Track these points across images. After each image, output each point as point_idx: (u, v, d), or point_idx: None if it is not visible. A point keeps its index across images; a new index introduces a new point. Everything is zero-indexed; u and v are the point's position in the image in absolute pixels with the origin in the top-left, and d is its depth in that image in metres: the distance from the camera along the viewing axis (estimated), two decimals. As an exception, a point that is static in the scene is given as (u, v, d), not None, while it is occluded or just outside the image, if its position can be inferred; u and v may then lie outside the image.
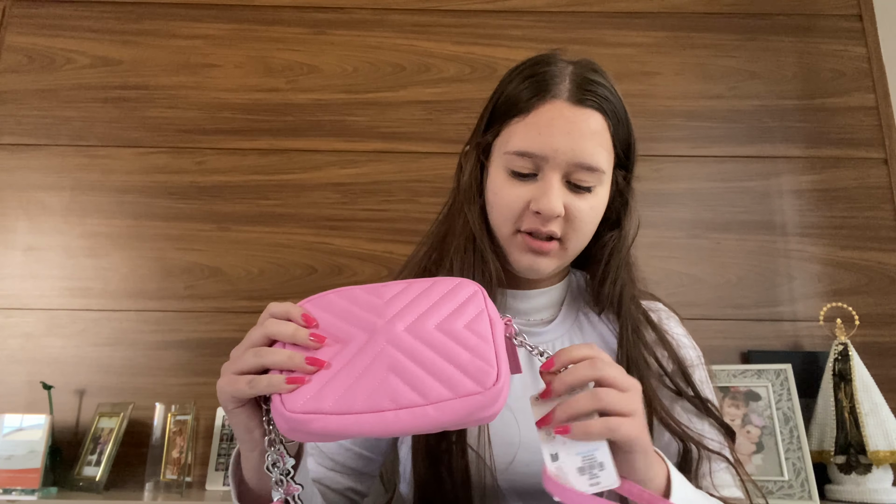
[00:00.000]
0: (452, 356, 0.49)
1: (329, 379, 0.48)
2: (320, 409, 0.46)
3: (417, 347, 0.49)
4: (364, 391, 0.47)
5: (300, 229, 1.62)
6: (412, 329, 0.50)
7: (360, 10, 1.76)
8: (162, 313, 1.56)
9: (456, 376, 0.47)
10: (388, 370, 0.48)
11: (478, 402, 0.46)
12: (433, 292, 0.53)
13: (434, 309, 0.52)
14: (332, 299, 0.55)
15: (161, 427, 1.41)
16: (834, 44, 1.74)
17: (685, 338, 0.80)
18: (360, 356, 0.49)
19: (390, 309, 0.52)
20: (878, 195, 1.64)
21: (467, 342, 0.49)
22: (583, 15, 1.76)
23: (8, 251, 1.59)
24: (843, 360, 1.36)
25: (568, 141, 0.68)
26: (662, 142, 1.68)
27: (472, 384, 0.47)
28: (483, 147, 0.76)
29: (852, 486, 1.30)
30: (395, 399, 0.47)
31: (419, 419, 0.46)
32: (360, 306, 0.53)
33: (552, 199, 0.68)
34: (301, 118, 1.69)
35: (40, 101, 1.68)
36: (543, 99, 0.70)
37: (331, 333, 0.52)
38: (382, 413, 0.46)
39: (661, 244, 1.61)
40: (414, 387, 0.47)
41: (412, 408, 0.46)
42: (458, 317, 0.51)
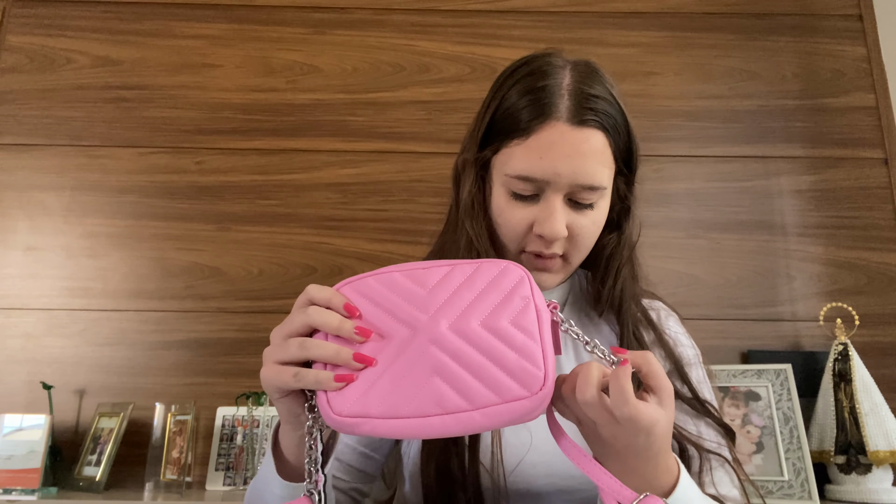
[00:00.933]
0: (498, 358, 0.47)
1: (374, 379, 0.47)
2: (367, 413, 0.46)
3: (462, 348, 0.48)
4: (409, 394, 0.46)
5: (300, 229, 1.62)
6: (456, 327, 0.48)
7: (360, 10, 1.76)
8: (162, 313, 1.56)
9: (503, 380, 0.46)
10: (433, 372, 0.47)
11: (525, 406, 0.46)
12: (477, 280, 0.51)
13: (478, 301, 0.50)
14: (371, 284, 0.52)
15: (161, 427, 1.41)
16: (834, 44, 1.74)
17: (683, 336, 0.81)
18: (404, 355, 0.48)
19: (433, 301, 0.50)
20: (878, 195, 1.64)
21: (513, 341, 0.48)
22: (583, 15, 1.76)
23: (8, 251, 1.59)
24: (843, 360, 1.36)
25: (569, 164, 0.68)
26: (662, 142, 1.68)
27: (519, 389, 0.46)
28: (482, 162, 0.76)
29: (852, 486, 1.30)
30: (441, 404, 0.46)
31: (465, 425, 0.46)
32: (401, 296, 0.51)
33: (555, 224, 0.68)
34: (301, 118, 1.69)
35: (40, 101, 1.68)
36: (543, 122, 0.69)
37: (371, 324, 0.50)
38: (429, 418, 0.46)
39: (661, 244, 1.62)
40: (459, 391, 0.46)
41: (458, 413, 0.46)
42: (504, 310, 0.49)
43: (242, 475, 1.41)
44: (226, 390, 1.50)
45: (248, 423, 1.45)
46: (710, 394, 0.76)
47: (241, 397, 1.46)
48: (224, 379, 1.52)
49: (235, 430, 1.46)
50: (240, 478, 1.41)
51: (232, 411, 1.48)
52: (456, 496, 0.68)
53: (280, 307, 1.56)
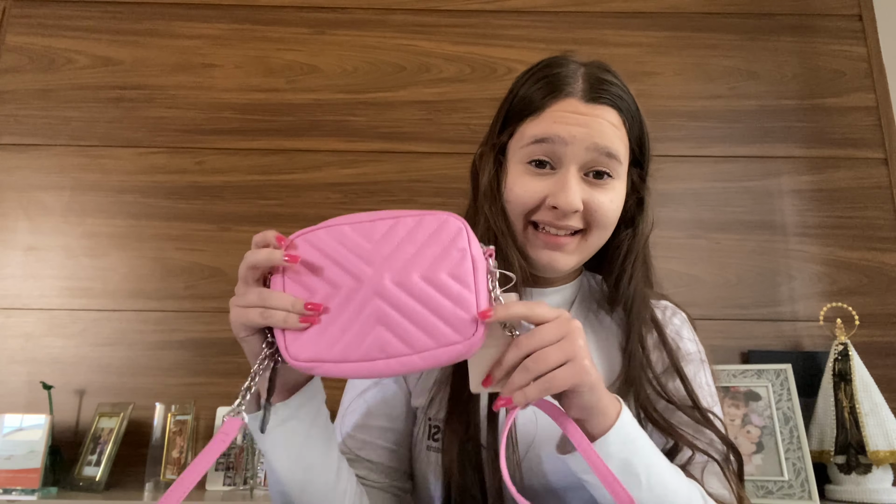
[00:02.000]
0: (435, 307, 0.52)
1: (326, 326, 0.53)
2: (321, 358, 0.52)
3: (403, 299, 0.53)
4: (357, 341, 0.52)
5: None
6: (398, 280, 0.53)
7: (360, 10, 1.76)
8: (162, 313, 1.56)
9: (439, 327, 0.52)
10: (377, 322, 0.52)
11: (458, 350, 0.51)
12: (418, 234, 0.55)
13: (419, 254, 0.54)
14: (322, 236, 0.57)
15: (161, 427, 1.41)
16: (834, 44, 1.74)
17: (685, 331, 0.80)
18: (351, 304, 0.53)
19: (377, 254, 0.54)
20: (878, 195, 1.64)
21: (450, 291, 0.53)
22: (583, 15, 1.76)
23: (8, 251, 1.59)
24: (843, 360, 1.36)
25: (585, 128, 0.68)
26: (662, 142, 1.68)
27: (453, 334, 0.52)
28: (499, 148, 0.76)
29: (852, 486, 1.30)
30: (385, 350, 0.52)
31: (406, 366, 0.52)
32: (349, 248, 0.55)
33: (570, 194, 0.67)
34: (301, 118, 1.69)
35: (40, 101, 1.68)
36: (557, 97, 0.70)
37: (321, 272, 0.55)
38: (374, 362, 0.52)
39: (661, 244, 1.61)
40: (401, 338, 0.52)
41: (400, 357, 0.52)
42: (442, 262, 0.54)
43: (242, 475, 1.41)
44: (226, 390, 1.50)
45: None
46: (713, 399, 0.74)
47: (241, 397, 1.46)
48: (224, 379, 1.52)
49: (235, 430, 1.45)
50: (240, 478, 1.41)
51: (232, 411, 1.48)
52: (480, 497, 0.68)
53: (280, 307, 1.56)
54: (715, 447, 0.69)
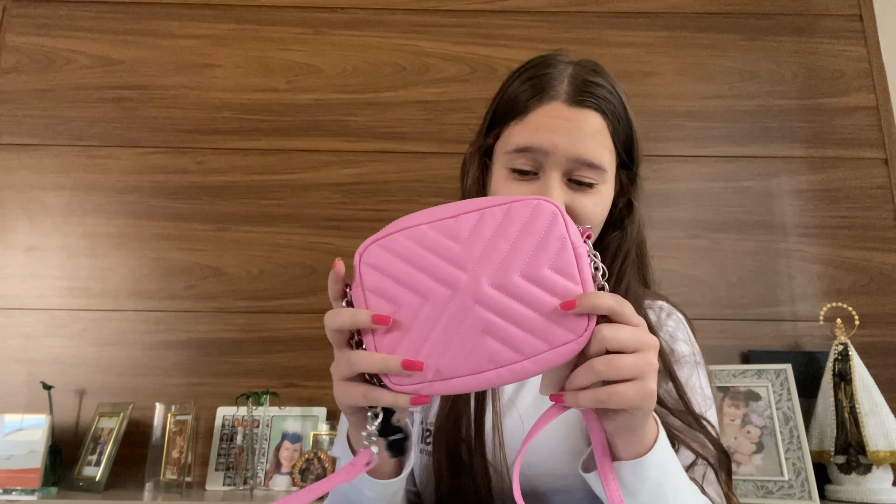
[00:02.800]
0: (542, 307, 0.48)
1: (422, 343, 0.49)
2: (424, 379, 0.48)
3: (507, 303, 0.49)
4: (463, 354, 0.48)
5: (300, 229, 1.62)
6: (498, 283, 0.49)
7: (360, 10, 1.76)
8: (162, 313, 1.56)
9: (549, 328, 0.48)
10: (482, 332, 0.48)
11: (572, 349, 0.48)
12: (510, 226, 0.50)
13: (515, 249, 0.50)
14: (399, 240, 0.52)
15: (161, 427, 1.41)
16: (834, 44, 1.74)
17: (680, 332, 0.79)
18: (447, 314, 0.49)
19: (469, 256, 0.50)
20: (878, 195, 1.64)
21: (555, 287, 0.49)
22: (583, 15, 1.76)
23: (8, 251, 1.59)
24: (843, 360, 1.36)
25: (566, 138, 0.68)
26: (662, 142, 1.68)
27: (565, 333, 0.48)
28: (485, 150, 0.77)
29: (852, 486, 1.30)
30: (495, 360, 0.48)
31: (519, 374, 0.48)
32: (434, 252, 0.50)
33: (552, 198, 0.67)
34: (301, 118, 1.69)
35: (40, 101, 1.68)
36: (541, 101, 0.70)
37: (408, 284, 0.50)
38: (484, 374, 0.48)
39: (661, 244, 1.61)
40: (510, 345, 0.48)
41: (511, 364, 0.48)
42: (542, 255, 0.49)
43: (242, 475, 1.41)
44: (226, 390, 1.50)
45: (248, 423, 1.45)
46: (708, 402, 0.74)
47: (241, 397, 1.46)
48: (224, 379, 1.52)
49: (235, 430, 1.46)
50: (240, 478, 1.41)
51: (232, 411, 1.48)
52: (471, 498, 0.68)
53: (280, 307, 1.56)
54: (707, 451, 0.69)
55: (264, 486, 1.40)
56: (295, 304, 1.57)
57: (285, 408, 1.48)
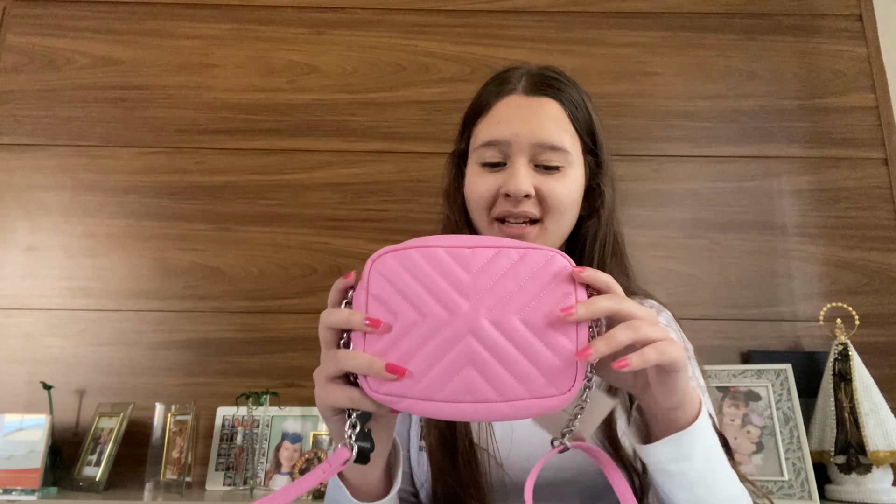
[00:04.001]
0: (532, 354, 0.48)
1: (409, 358, 0.49)
2: (404, 394, 0.48)
3: (499, 342, 0.49)
4: (444, 379, 0.48)
5: (300, 229, 1.62)
6: (496, 320, 0.49)
7: (360, 10, 1.76)
8: (162, 313, 1.56)
9: (534, 376, 0.48)
10: (468, 362, 0.49)
11: (551, 403, 0.48)
12: (522, 269, 0.51)
13: (520, 294, 0.50)
14: (413, 257, 0.52)
15: (161, 427, 1.41)
16: (834, 44, 1.74)
17: (672, 331, 0.81)
18: (440, 337, 0.49)
19: (475, 288, 0.50)
20: (878, 195, 1.64)
21: (551, 340, 0.49)
22: (583, 15, 1.76)
23: (8, 251, 1.59)
24: (843, 360, 1.36)
25: (525, 125, 0.73)
26: (662, 142, 1.68)
27: (548, 386, 0.48)
28: (459, 153, 0.83)
29: (852, 486, 1.30)
30: (473, 393, 0.48)
31: (494, 414, 0.48)
32: (443, 276, 0.51)
33: (518, 180, 0.71)
34: (301, 118, 1.69)
35: (40, 101, 1.68)
36: (500, 95, 0.76)
37: (410, 299, 0.50)
38: (460, 404, 0.48)
39: (661, 244, 1.61)
40: (491, 382, 0.48)
41: (488, 403, 0.48)
42: (544, 304, 0.50)
43: (242, 475, 1.41)
44: (226, 390, 1.50)
45: (248, 423, 1.45)
46: (701, 391, 0.75)
47: (241, 397, 1.46)
48: (224, 379, 1.52)
49: (235, 430, 1.46)
50: (240, 478, 1.41)
51: (232, 411, 1.48)
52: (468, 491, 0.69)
53: (280, 307, 1.56)
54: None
55: (264, 486, 1.40)
56: (295, 304, 1.57)
57: (285, 408, 1.48)
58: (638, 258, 1.55)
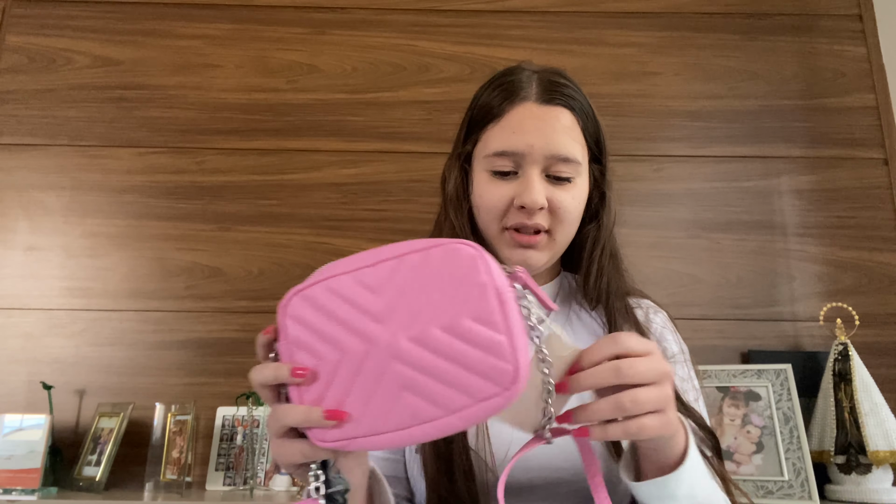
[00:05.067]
0: (464, 360, 0.46)
1: (343, 400, 0.48)
2: (350, 436, 0.47)
3: (426, 358, 0.46)
4: (384, 411, 0.47)
5: (300, 229, 1.62)
6: (417, 337, 0.47)
7: (360, 10, 1.76)
8: (162, 313, 1.56)
9: (473, 381, 0.45)
10: (401, 388, 0.46)
11: (498, 403, 0.45)
12: (427, 274, 0.48)
13: (433, 301, 0.47)
14: (319, 292, 0.50)
15: (161, 427, 1.41)
16: (834, 44, 1.74)
17: (669, 332, 0.81)
18: (365, 370, 0.47)
19: (386, 308, 0.48)
20: (878, 195, 1.64)
21: (478, 339, 0.45)
22: (583, 15, 1.76)
23: (8, 251, 1.59)
24: (843, 360, 1.36)
25: (541, 136, 0.72)
26: (662, 142, 1.68)
27: (490, 386, 0.45)
28: (464, 156, 0.81)
29: (852, 486, 1.30)
30: (417, 415, 0.46)
31: (445, 429, 0.46)
32: (352, 305, 0.49)
33: (534, 192, 0.71)
34: (301, 118, 1.69)
35: (40, 101, 1.68)
36: (513, 102, 0.74)
37: (326, 338, 0.49)
38: (409, 430, 0.46)
39: (661, 244, 1.61)
40: (432, 401, 0.46)
41: (435, 420, 0.46)
42: (462, 305, 0.46)
43: (242, 475, 1.41)
44: (226, 390, 1.50)
45: (248, 423, 1.45)
46: (696, 393, 0.77)
47: (241, 397, 1.46)
48: (224, 379, 1.52)
49: (235, 430, 1.46)
50: (240, 478, 1.41)
51: (232, 411, 1.48)
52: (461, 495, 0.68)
53: (280, 307, 1.56)
54: (697, 435, 0.70)
55: (264, 486, 1.40)
56: (295, 304, 1.56)
57: (285, 408, 1.48)
58: (638, 258, 1.56)
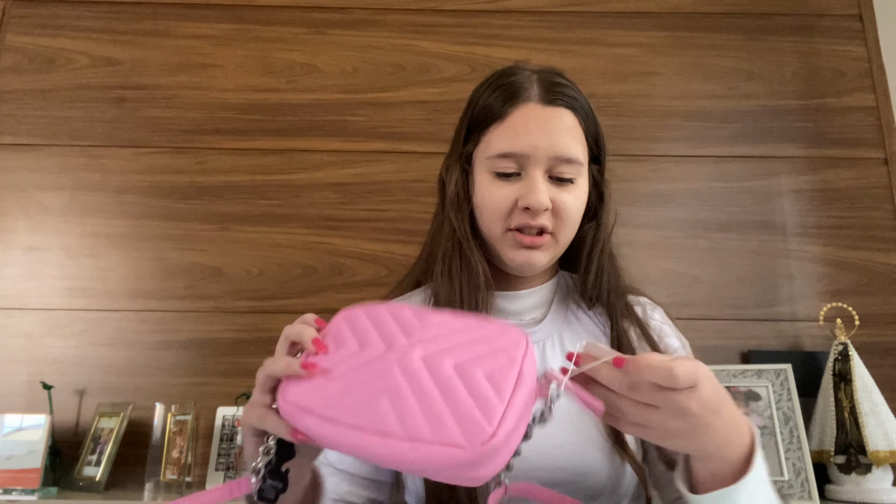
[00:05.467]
0: (453, 399, 0.44)
1: (329, 382, 0.48)
2: (311, 409, 0.47)
3: (423, 379, 0.46)
4: (353, 405, 0.46)
5: (300, 229, 1.62)
6: (429, 360, 0.47)
7: (360, 10, 1.76)
8: (162, 313, 1.56)
9: (446, 421, 0.43)
10: (383, 392, 0.46)
11: (458, 456, 0.42)
12: (476, 330, 0.50)
13: (465, 346, 0.48)
14: (380, 309, 0.54)
15: (161, 427, 1.41)
16: (834, 44, 1.74)
17: (668, 327, 0.82)
18: (369, 368, 0.48)
19: (422, 332, 0.50)
20: (878, 195, 1.64)
21: (478, 391, 0.45)
22: (583, 15, 1.76)
23: (8, 251, 1.59)
24: (843, 360, 1.36)
25: (545, 137, 0.72)
26: (662, 142, 1.68)
27: (458, 435, 0.42)
28: (465, 157, 0.81)
29: (852, 486, 1.30)
30: (376, 423, 0.44)
31: (392, 451, 0.43)
32: (397, 321, 0.52)
33: (539, 194, 0.71)
34: (301, 118, 1.69)
35: (40, 101, 1.68)
36: (516, 104, 0.74)
37: (358, 334, 0.51)
38: (360, 433, 0.44)
39: (661, 244, 1.61)
40: (400, 417, 0.44)
41: (389, 437, 0.43)
42: (485, 362, 0.47)
43: (242, 475, 1.41)
44: (226, 390, 1.50)
45: (248, 423, 1.45)
46: None
47: (241, 397, 1.46)
48: (224, 379, 1.52)
49: (235, 430, 1.46)
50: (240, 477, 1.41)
51: (232, 411, 1.48)
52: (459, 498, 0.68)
53: (280, 307, 1.56)
54: None
55: (264, 486, 1.40)
56: (295, 304, 1.57)
57: (285, 408, 1.48)
58: (638, 258, 1.56)
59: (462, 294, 0.74)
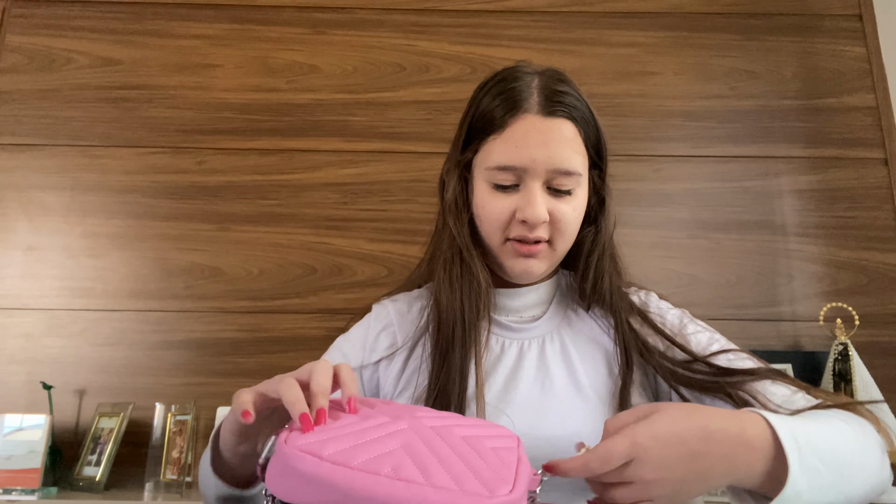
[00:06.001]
0: (469, 459, 0.46)
1: (338, 434, 0.46)
2: (318, 453, 0.43)
3: (438, 443, 0.46)
4: (368, 449, 0.45)
5: (300, 229, 1.62)
6: (439, 429, 0.48)
7: (360, 10, 1.76)
8: (162, 313, 1.56)
9: (466, 475, 0.44)
10: (401, 447, 0.45)
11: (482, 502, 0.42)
12: (475, 422, 0.53)
13: (467, 426, 0.51)
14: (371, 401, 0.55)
15: (161, 427, 1.41)
16: (834, 44, 1.74)
17: (664, 304, 0.83)
18: (377, 428, 0.47)
19: (428, 415, 0.51)
20: (878, 195, 1.64)
21: (488, 457, 0.46)
22: (583, 15, 1.76)
23: (8, 251, 1.59)
24: (843, 360, 1.36)
25: (544, 150, 0.72)
26: (662, 142, 1.68)
27: (480, 486, 0.43)
28: (464, 164, 0.81)
29: (852, 486, 1.29)
30: (397, 469, 0.43)
31: (414, 495, 0.42)
32: (391, 405, 0.53)
33: (536, 207, 0.72)
34: (301, 118, 1.69)
35: (40, 101, 1.68)
36: (515, 114, 0.74)
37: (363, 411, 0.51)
38: (377, 476, 0.42)
39: (661, 244, 1.61)
40: (421, 468, 0.44)
41: (410, 483, 0.42)
42: (489, 439, 0.49)
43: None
44: (226, 390, 1.50)
45: (248, 423, 1.45)
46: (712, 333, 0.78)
47: (241, 397, 1.46)
48: (224, 379, 1.52)
49: (235, 430, 1.45)
50: (240, 478, 1.41)
51: (232, 411, 1.48)
52: None
53: (280, 307, 1.56)
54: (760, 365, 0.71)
55: (264, 486, 1.40)
56: (295, 304, 1.57)
57: (285, 408, 1.48)
58: (638, 258, 1.56)
59: (463, 301, 0.75)
